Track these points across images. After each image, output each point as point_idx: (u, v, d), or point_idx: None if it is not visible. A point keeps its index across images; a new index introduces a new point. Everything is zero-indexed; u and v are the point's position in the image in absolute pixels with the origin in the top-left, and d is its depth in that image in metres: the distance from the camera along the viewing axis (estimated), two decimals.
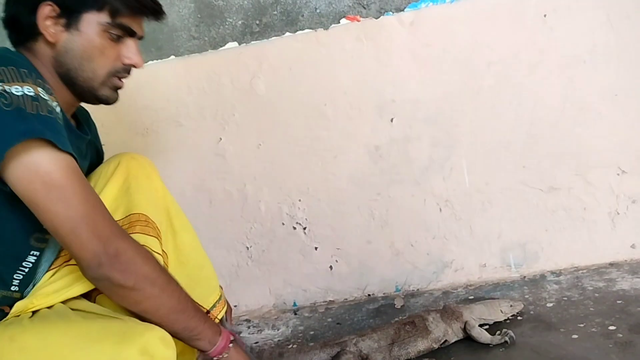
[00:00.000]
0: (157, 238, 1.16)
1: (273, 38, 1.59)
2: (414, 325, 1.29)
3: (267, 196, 1.68)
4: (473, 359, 1.26)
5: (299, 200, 1.67)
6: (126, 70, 1.06)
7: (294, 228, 1.68)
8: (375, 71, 1.56)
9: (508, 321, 1.36)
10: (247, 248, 1.70)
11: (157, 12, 1.08)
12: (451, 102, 1.54)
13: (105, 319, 0.98)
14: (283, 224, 1.68)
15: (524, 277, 1.59)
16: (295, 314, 1.66)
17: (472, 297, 1.54)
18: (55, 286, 1.03)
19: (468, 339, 1.31)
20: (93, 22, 0.99)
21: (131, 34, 1.04)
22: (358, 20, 1.54)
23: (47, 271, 1.07)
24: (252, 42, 1.60)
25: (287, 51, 1.59)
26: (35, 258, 1.02)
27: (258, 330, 1.60)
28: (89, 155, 1.19)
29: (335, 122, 1.60)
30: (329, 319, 1.59)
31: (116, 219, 1.15)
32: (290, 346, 1.45)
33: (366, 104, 1.58)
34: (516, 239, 1.59)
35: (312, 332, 1.54)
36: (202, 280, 1.26)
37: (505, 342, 1.26)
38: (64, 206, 0.88)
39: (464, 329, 1.31)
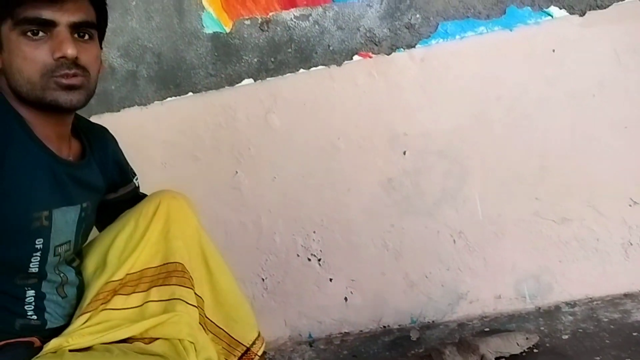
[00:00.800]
0: (191, 289, 1.17)
1: (287, 74, 1.63)
2: (431, 359, 1.29)
3: (282, 228, 1.70)
4: None
5: (314, 232, 1.69)
6: (64, 66, 0.93)
7: (309, 259, 1.70)
8: (387, 105, 1.59)
9: (524, 354, 1.36)
10: (263, 280, 1.72)
11: None
12: (462, 135, 1.57)
13: (145, 356, 1.00)
14: (298, 255, 1.70)
15: (539, 308, 1.59)
16: (311, 346, 1.67)
17: (487, 329, 1.54)
18: (92, 329, 1.05)
19: None
20: (7, 33, 0.92)
21: (48, 24, 0.92)
22: (370, 57, 1.58)
23: (77, 304, 1.10)
24: (267, 78, 1.64)
25: (301, 87, 1.63)
26: (33, 292, 1.03)
27: None
28: (96, 178, 1.15)
29: (348, 155, 1.63)
30: (345, 352, 1.59)
31: (154, 265, 1.18)
32: None
33: (378, 137, 1.61)
34: (530, 270, 1.59)
35: None
36: (241, 319, 1.26)
37: None
38: None
39: None
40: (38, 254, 1.00)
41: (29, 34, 0.92)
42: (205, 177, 1.71)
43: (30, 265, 1.00)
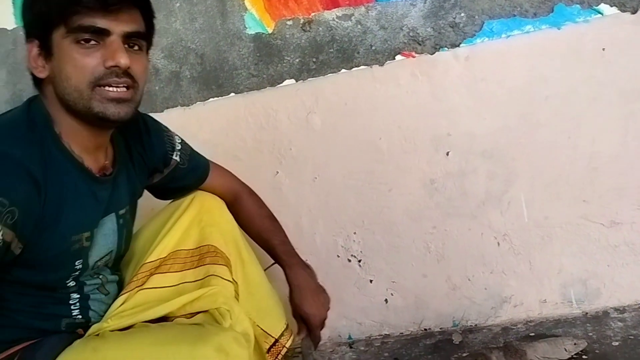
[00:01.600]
0: (226, 266, 1.20)
1: (329, 75, 1.62)
2: None
3: (323, 229, 1.70)
4: None
5: (354, 233, 1.68)
6: (114, 74, 0.93)
7: (349, 261, 1.69)
8: (430, 105, 1.57)
9: None
10: None
11: (107, 2, 0.91)
12: (508, 136, 1.54)
13: (182, 325, 1.03)
14: (338, 256, 1.70)
15: (586, 313, 1.55)
16: (351, 347, 1.66)
17: (532, 334, 1.51)
18: (130, 311, 1.08)
19: None
20: (59, 39, 0.92)
21: (101, 32, 0.92)
22: (413, 57, 1.57)
23: (117, 296, 1.12)
24: (309, 78, 1.64)
25: (343, 87, 1.62)
26: (77, 295, 1.06)
27: None
28: (134, 181, 1.17)
29: (390, 156, 1.62)
30: (386, 354, 1.58)
31: (187, 248, 1.22)
32: None
33: (421, 137, 1.59)
34: (577, 275, 1.55)
35: None
36: (271, 310, 1.29)
37: None
38: None
39: None
40: (77, 272, 1.03)
41: (81, 41, 0.92)
42: (246, 178, 1.69)
43: (67, 282, 1.03)
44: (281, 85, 1.66)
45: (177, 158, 1.25)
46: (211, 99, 1.71)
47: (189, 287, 1.15)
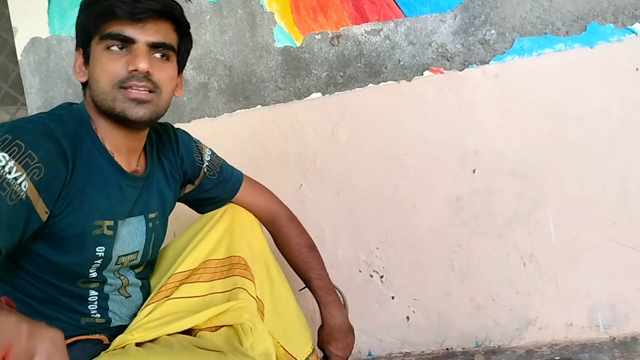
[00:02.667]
0: (252, 281, 1.20)
1: (356, 89, 1.62)
2: None
3: (345, 243, 1.69)
4: None
5: (377, 249, 1.67)
6: (135, 78, 0.98)
7: (371, 276, 1.68)
8: (457, 122, 1.56)
9: None
10: None
11: (134, 13, 0.97)
12: (537, 155, 1.51)
13: (205, 352, 1.01)
14: (360, 271, 1.68)
15: (614, 338, 1.51)
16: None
17: (557, 358, 1.48)
18: (156, 322, 1.07)
19: None
20: (94, 47, 1.00)
21: (128, 40, 0.98)
22: (441, 73, 1.56)
23: (142, 305, 1.12)
24: (336, 92, 1.64)
25: (370, 101, 1.62)
26: (96, 293, 1.06)
27: None
28: (165, 188, 1.17)
29: (415, 172, 1.60)
30: None
31: (218, 257, 1.22)
32: None
33: (447, 154, 1.58)
34: (605, 299, 1.52)
35: None
36: (297, 333, 1.28)
37: None
38: None
39: None
40: (99, 261, 1.04)
41: (111, 48, 0.99)
42: (271, 189, 1.70)
43: (90, 271, 1.04)
44: (308, 98, 1.66)
45: (206, 169, 1.26)
46: (238, 111, 1.72)
47: (217, 297, 1.14)
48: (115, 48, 0.98)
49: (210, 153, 1.28)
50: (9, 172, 0.85)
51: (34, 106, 1.92)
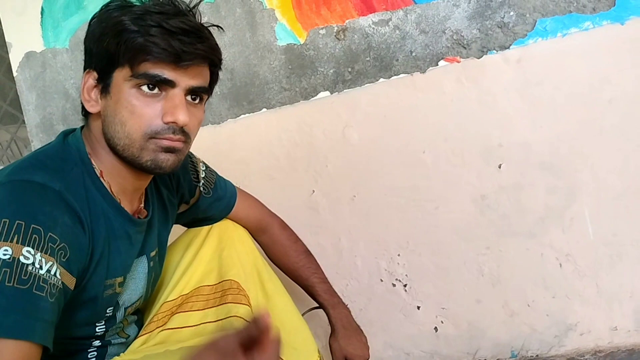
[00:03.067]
0: (249, 306, 1.13)
1: (366, 85, 1.51)
2: None
3: (364, 251, 1.58)
4: None
5: (398, 255, 1.55)
6: (170, 130, 0.88)
7: (394, 285, 1.57)
8: (478, 114, 1.44)
9: None
10: None
11: (180, 58, 0.86)
12: (569, 145, 1.38)
13: None
14: (381, 280, 1.57)
15: None
16: None
17: None
18: (147, 351, 1.00)
19: None
20: (120, 79, 0.87)
21: (166, 83, 0.87)
22: (458, 61, 1.44)
23: (137, 336, 1.05)
24: (345, 90, 1.53)
25: (381, 98, 1.51)
26: (98, 342, 0.99)
27: None
28: (165, 223, 1.11)
29: (435, 171, 1.49)
30: None
31: (210, 283, 1.15)
32: None
33: (470, 149, 1.45)
34: None
35: None
36: (298, 345, 1.20)
37: None
38: None
39: None
40: (102, 321, 0.96)
41: (144, 88, 0.86)
42: (281, 197, 1.61)
43: (96, 331, 0.96)
44: (315, 98, 1.56)
45: (202, 187, 1.19)
46: (242, 116, 1.62)
47: (209, 327, 1.08)
48: (146, 88, 0.86)
49: (204, 168, 1.20)
50: (41, 267, 0.75)
51: (33, 123, 1.84)
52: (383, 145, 1.52)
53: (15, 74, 1.84)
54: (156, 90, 0.87)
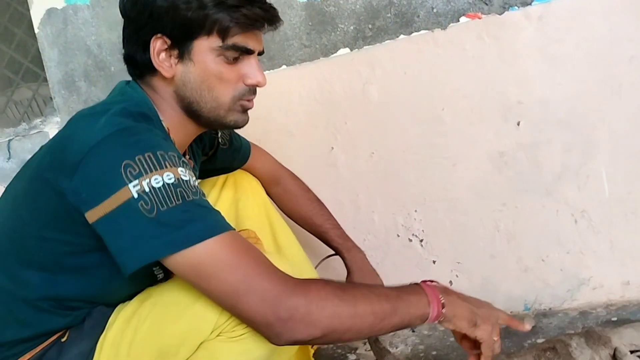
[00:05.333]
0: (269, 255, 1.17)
1: (387, 41, 1.52)
2: (556, 352, 1.16)
3: (381, 207, 1.61)
4: None
5: (415, 211, 1.58)
6: (251, 91, 0.98)
7: (410, 240, 1.60)
8: (498, 71, 1.44)
9: None
10: None
11: (271, 21, 0.95)
12: (587, 102, 1.39)
13: None
14: (398, 235, 1.61)
15: None
16: (413, 331, 1.57)
17: (614, 319, 1.38)
18: None
19: None
20: (205, 49, 0.92)
21: (248, 52, 0.95)
22: (479, 18, 1.43)
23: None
24: (365, 47, 1.54)
25: (402, 54, 1.51)
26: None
27: None
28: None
29: (454, 128, 1.50)
30: (452, 339, 1.48)
31: None
32: None
33: (489, 107, 1.46)
34: None
35: (434, 352, 1.45)
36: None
37: None
38: (216, 283, 0.80)
39: (614, 356, 1.16)
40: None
41: (228, 56, 0.93)
42: (301, 154, 1.64)
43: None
44: (335, 55, 1.56)
45: (220, 139, 1.24)
46: None
47: None
48: (231, 56, 0.93)
49: None
50: (194, 180, 0.85)
51: (55, 80, 1.87)
52: (402, 102, 1.53)
53: (36, 30, 1.85)
54: (236, 59, 0.94)
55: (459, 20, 1.45)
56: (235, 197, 1.26)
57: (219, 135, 1.23)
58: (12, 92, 2.13)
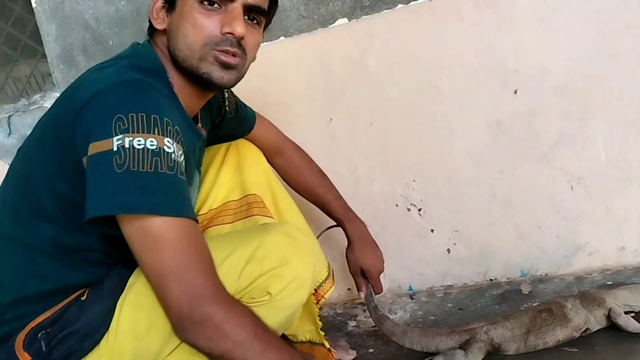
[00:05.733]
0: (272, 218, 1.22)
1: (384, 11, 1.52)
2: (551, 313, 1.19)
3: (380, 177, 1.62)
4: (620, 350, 1.15)
5: (413, 181, 1.60)
6: (228, 41, 0.93)
7: (409, 210, 1.62)
8: (496, 40, 1.45)
9: None
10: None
11: None
12: (583, 70, 1.40)
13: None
14: (397, 205, 1.63)
15: None
16: (412, 298, 1.60)
17: (610, 283, 1.41)
18: None
19: (612, 328, 1.19)
20: None
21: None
22: None
23: None
24: (363, 17, 1.54)
25: (400, 24, 1.52)
26: None
27: None
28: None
29: (451, 97, 1.51)
30: (449, 304, 1.52)
31: (235, 198, 1.23)
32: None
33: (486, 75, 1.47)
34: None
35: (432, 317, 1.48)
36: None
37: None
38: (153, 257, 0.81)
39: (608, 317, 1.19)
40: None
41: (205, 2, 0.92)
42: (299, 126, 1.64)
43: None
44: (333, 25, 1.57)
45: (227, 107, 1.24)
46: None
47: None
48: (207, 3, 0.92)
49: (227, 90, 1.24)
50: (179, 156, 0.84)
51: (54, 55, 1.87)
52: (400, 72, 1.54)
53: (34, 5, 1.85)
54: (216, 5, 0.92)
55: None
56: (240, 163, 1.27)
57: (226, 103, 1.23)
58: (11, 69, 2.12)
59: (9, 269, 0.94)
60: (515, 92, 1.46)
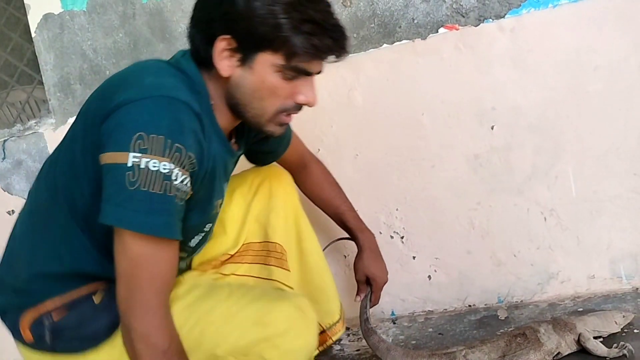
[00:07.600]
0: (289, 271, 1.30)
1: (370, 50, 1.61)
2: (525, 337, 1.26)
3: (364, 206, 1.69)
4: None
5: (396, 210, 1.68)
6: (297, 108, 1.02)
7: (392, 237, 1.69)
8: (474, 79, 1.55)
9: (624, 334, 1.30)
10: (345, 257, 1.73)
11: (339, 54, 0.98)
12: (556, 109, 1.50)
13: (263, 287, 1.19)
14: (380, 233, 1.70)
15: (637, 289, 1.52)
16: (394, 323, 1.66)
17: (580, 309, 1.49)
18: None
19: (582, 352, 1.26)
20: (267, 63, 0.94)
21: (307, 74, 0.98)
22: (457, 29, 1.54)
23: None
24: (350, 55, 1.62)
25: (384, 62, 1.61)
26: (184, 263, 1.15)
27: (358, 339, 1.61)
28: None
29: (432, 131, 1.60)
30: (430, 329, 1.58)
31: (257, 240, 1.31)
32: None
33: (465, 112, 1.57)
34: (627, 250, 1.52)
35: (413, 342, 1.54)
36: (322, 302, 1.36)
37: (624, 355, 1.21)
38: (123, 257, 0.87)
39: (578, 342, 1.27)
40: (201, 235, 1.09)
41: (287, 74, 0.96)
42: None
43: (190, 243, 1.08)
44: None
45: None
46: None
47: (251, 281, 1.26)
48: (290, 76, 0.96)
49: None
50: (176, 179, 0.86)
51: (51, 83, 1.93)
52: (385, 107, 1.63)
53: (33, 34, 1.91)
54: (294, 77, 0.97)
55: (437, 31, 1.55)
56: (269, 206, 1.31)
57: None
58: (7, 94, 2.18)
59: (36, 244, 0.99)
60: (492, 128, 1.55)
